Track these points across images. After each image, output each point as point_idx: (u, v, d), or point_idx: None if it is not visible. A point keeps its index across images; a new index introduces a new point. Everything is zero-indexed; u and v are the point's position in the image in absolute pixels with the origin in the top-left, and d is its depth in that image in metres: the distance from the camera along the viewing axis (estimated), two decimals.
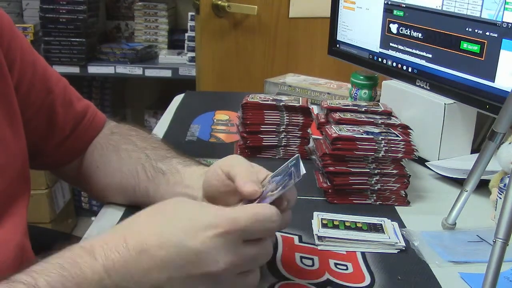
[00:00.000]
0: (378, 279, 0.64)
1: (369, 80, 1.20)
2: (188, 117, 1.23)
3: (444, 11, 0.93)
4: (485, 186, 0.83)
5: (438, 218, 0.78)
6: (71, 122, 0.81)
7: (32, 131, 0.76)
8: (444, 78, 0.95)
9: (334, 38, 1.25)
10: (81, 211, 2.67)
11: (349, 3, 1.19)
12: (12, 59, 0.72)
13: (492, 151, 0.68)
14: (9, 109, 0.71)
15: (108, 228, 0.56)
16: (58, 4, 2.27)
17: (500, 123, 0.65)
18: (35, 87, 0.76)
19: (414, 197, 0.86)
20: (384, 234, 0.73)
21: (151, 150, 0.78)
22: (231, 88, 1.89)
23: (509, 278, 0.65)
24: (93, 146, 0.83)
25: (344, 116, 0.90)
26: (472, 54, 0.89)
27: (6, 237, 0.67)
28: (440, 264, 0.68)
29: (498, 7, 0.83)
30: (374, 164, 0.83)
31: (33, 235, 0.74)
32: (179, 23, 2.61)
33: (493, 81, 0.86)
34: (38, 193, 2.26)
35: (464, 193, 0.73)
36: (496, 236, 0.55)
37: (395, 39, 1.06)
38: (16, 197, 0.71)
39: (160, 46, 2.50)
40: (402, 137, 0.83)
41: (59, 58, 2.30)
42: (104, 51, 2.38)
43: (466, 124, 0.98)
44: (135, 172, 0.77)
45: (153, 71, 2.35)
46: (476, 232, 0.76)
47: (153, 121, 2.57)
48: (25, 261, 0.70)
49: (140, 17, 2.50)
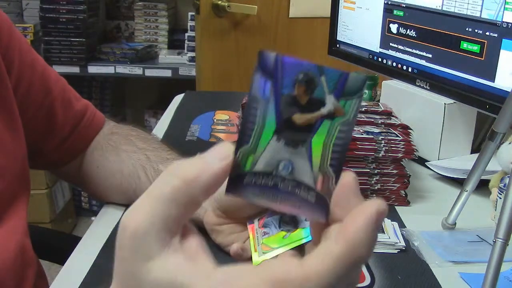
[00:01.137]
0: (378, 279, 0.64)
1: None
2: (188, 117, 1.23)
3: (444, 11, 0.93)
4: (485, 186, 0.83)
5: (438, 218, 0.78)
6: (70, 122, 0.81)
7: (32, 131, 0.76)
8: (444, 78, 0.95)
9: (334, 38, 1.25)
10: (81, 211, 2.67)
11: (349, 3, 1.19)
12: (11, 60, 0.72)
13: (492, 151, 0.68)
14: (7, 110, 0.70)
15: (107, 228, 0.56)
16: (58, 4, 2.27)
17: (500, 123, 0.65)
18: (34, 87, 0.76)
19: (414, 197, 0.86)
20: (384, 234, 0.73)
21: (152, 152, 0.78)
22: (231, 88, 1.89)
23: (509, 278, 0.65)
24: (93, 146, 0.83)
25: None
26: (472, 54, 0.89)
27: (6, 237, 0.67)
28: (440, 264, 0.68)
29: (498, 7, 0.83)
30: (374, 164, 0.82)
31: (33, 235, 0.74)
32: (179, 23, 2.61)
33: (493, 81, 0.86)
34: (38, 193, 2.26)
35: (464, 193, 0.73)
36: (496, 236, 0.55)
37: (395, 39, 1.06)
38: (16, 198, 0.71)
39: (160, 46, 2.50)
40: (402, 137, 0.83)
41: (59, 58, 2.30)
42: (104, 51, 2.39)
43: (466, 124, 0.98)
44: (135, 174, 0.77)
45: (153, 71, 2.35)
46: (476, 232, 0.76)
47: (153, 121, 2.57)
48: (25, 261, 0.70)
49: (140, 17, 2.50)
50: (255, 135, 0.33)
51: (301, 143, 0.33)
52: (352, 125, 0.33)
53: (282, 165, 0.34)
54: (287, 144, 0.33)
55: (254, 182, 0.34)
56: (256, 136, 0.33)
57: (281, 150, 0.33)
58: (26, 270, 0.70)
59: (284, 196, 0.34)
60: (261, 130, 0.33)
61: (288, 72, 0.33)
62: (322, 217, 0.34)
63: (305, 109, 0.33)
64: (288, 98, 0.33)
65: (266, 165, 0.33)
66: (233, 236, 0.66)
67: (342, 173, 0.33)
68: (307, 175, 0.34)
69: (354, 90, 0.32)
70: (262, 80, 0.33)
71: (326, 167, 0.33)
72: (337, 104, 0.32)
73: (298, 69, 0.32)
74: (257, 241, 0.62)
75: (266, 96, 0.33)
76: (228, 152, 0.33)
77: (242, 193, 0.34)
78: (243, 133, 0.33)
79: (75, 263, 0.69)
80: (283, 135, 0.33)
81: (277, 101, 0.33)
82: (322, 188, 0.33)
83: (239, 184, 0.33)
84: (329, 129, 0.33)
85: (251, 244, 0.62)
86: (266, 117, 0.33)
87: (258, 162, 0.33)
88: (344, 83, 0.32)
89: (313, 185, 0.34)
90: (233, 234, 0.66)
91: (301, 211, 0.34)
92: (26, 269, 0.71)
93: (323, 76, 0.32)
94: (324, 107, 0.33)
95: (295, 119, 0.33)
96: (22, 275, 0.69)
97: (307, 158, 0.33)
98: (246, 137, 0.33)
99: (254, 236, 0.63)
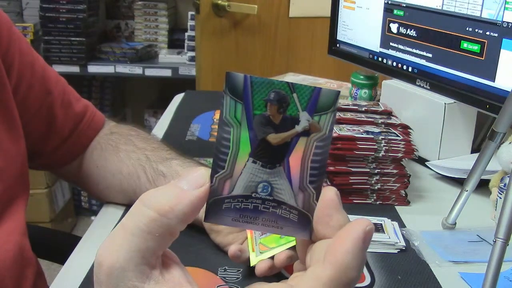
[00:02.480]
0: (378, 279, 0.64)
1: (369, 80, 1.20)
2: (188, 116, 1.23)
3: (444, 10, 0.93)
4: (485, 186, 0.83)
5: (438, 218, 0.78)
6: (70, 123, 0.81)
7: (32, 132, 0.76)
8: (444, 77, 0.95)
9: (334, 37, 1.25)
10: (81, 211, 2.67)
11: (349, 3, 1.18)
12: (11, 61, 0.72)
13: (492, 151, 0.68)
14: (7, 112, 0.70)
15: (107, 228, 0.56)
16: (58, 4, 2.27)
17: (500, 123, 0.65)
18: (34, 88, 0.76)
19: (414, 197, 0.86)
20: (384, 234, 0.73)
21: (151, 151, 0.78)
22: None
23: (509, 278, 0.65)
24: (93, 146, 0.83)
25: (344, 115, 0.90)
26: (472, 53, 0.89)
27: (5, 238, 0.67)
28: (440, 264, 0.68)
29: (498, 6, 0.83)
30: (374, 164, 0.82)
31: (32, 235, 0.74)
32: (179, 22, 2.61)
33: (493, 81, 0.86)
34: (38, 192, 2.27)
35: (464, 193, 0.73)
36: (496, 236, 0.55)
37: (395, 38, 1.06)
38: (15, 199, 0.71)
39: (160, 45, 2.50)
40: (402, 136, 0.83)
41: (59, 58, 2.30)
42: (104, 51, 2.38)
43: (466, 124, 0.98)
44: (135, 174, 0.76)
45: (153, 70, 2.35)
46: (476, 232, 0.76)
47: (153, 121, 2.57)
48: (24, 261, 0.70)
49: (140, 16, 2.50)
50: (230, 160, 0.33)
51: (278, 163, 0.33)
52: (328, 140, 0.33)
53: (261, 187, 0.33)
54: (264, 165, 0.33)
55: (234, 207, 0.33)
56: (231, 160, 0.33)
57: (258, 172, 0.33)
58: (25, 270, 0.70)
59: (265, 217, 0.34)
60: (236, 154, 0.33)
61: (258, 92, 0.32)
62: (305, 235, 0.34)
63: (279, 129, 0.33)
64: (261, 119, 0.32)
65: (244, 189, 0.33)
66: (232, 236, 0.66)
67: (323, 189, 0.33)
68: (287, 194, 0.33)
69: (327, 105, 0.32)
70: (232, 103, 0.32)
71: (305, 185, 0.33)
72: (311, 120, 0.32)
73: (268, 88, 0.32)
74: (255, 241, 0.62)
75: (237, 118, 0.32)
76: (204, 179, 0.32)
77: (222, 219, 0.33)
78: (218, 158, 0.33)
79: (75, 263, 0.69)
80: (259, 157, 0.33)
81: (250, 122, 0.32)
82: (304, 206, 0.33)
83: (218, 210, 0.33)
84: (306, 146, 0.33)
85: (249, 244, 0.62)
86: (240, 140, 0.32)
87: (236, 187, 0.33)
88: (316, 99, 0.32)
89: (294, 203, 0.33)
90: (231, 234, 0.66)
91: (284, 231, 0.34)
92: (25, 269, 0.71)
93: (294, 94, 0.32)
94: (298, 125, 0.32)
95: (270, 139, 0.33)
96: (21, 275, 0.69)
97: (286, 178, 0.33)
98: (221, 163, 0.33)
99: (252, 236, 0.63)
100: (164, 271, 0.32)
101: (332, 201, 0.33)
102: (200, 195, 0.32)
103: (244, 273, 0.64)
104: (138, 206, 0.32)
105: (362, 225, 0.31)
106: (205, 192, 0.32)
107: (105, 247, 0.32)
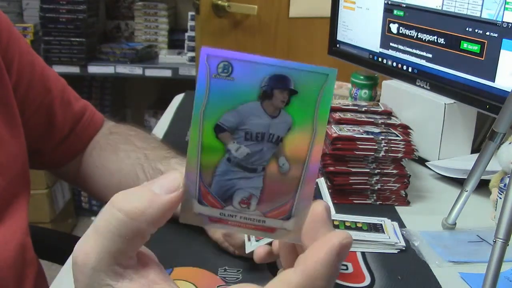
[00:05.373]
0: (378, 279, 0.64)
1: (369, 80, 1.20)
2: (188, 116, 1.23)
3: (444, 11, 0.93)
4: (485, 186, 0.83)
5: (438, 218, 0.78)
6: (69, 122, 0.81)
7: (31, 131, 0.76)
8: (444, 78, 0.95)
9: (334, 38, 1.25)
10: (81, 211, 2.67)
11: (349, 3, 1.18)
12: (10, 60, 0.72)
13: (492, 151, 0.68)
14: (7, 110, 0.71)
15: None
16: (58, 4, 2.27)
17: (500, 123, 0.65)
18: (34, 87, 0.76)
19: (414, 197, 0.86)
20: (384, 234, 0.73)
21: (150, 151, 0.78)
22: None
23: (509, 278, 0.65)
24: (92, 146, 0.83)
25: (344, 116, 0.90)
26: (472, 54, 0.89)
27: (7, 236, 0.67)
28: (440, 264, 0.68)
29: (498, 7, 0.83)
30: (374, 164, 0.82)
31: (33, 235, 0.74)
32: (179, 23, 2.61)
33: (493, 81, 0.86)
34: (38, 193, 2.26)
35: (464, 193, 0.73)
36: (496, 236, 0.55)
37: (395, 39, 1.06)
38: (16, 197, 0.71)
39: (160, 46, 2.50)
40: (402, 137, 0.83)
41: (59, 58, 2.30)
42: (104, 51, 2.39)
43: (466, 124, 0.98)
44: (134, 173, 0.76)
45: (153, 71, 2.35)
46: (476, 232, 0.76)
47: (153, 121, 2.57)
48: (26, 260, 0.70)
49: (140, 17, 2.50)
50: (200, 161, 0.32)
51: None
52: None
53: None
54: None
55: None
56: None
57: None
58: (26, 270, 0.70)
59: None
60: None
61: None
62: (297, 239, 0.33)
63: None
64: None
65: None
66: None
67: (313, 203, 0.33)
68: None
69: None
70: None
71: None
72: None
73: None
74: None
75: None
76: (177, 184, 0.32)
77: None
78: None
79: None
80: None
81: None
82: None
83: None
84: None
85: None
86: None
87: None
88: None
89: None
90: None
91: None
92: (27, 268, 0.71)
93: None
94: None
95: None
96: (22, 274, 0.69)
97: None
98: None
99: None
100: (140, 269, 0.32)
101: (321, 215, 0.33)
102: (172, 200, 0.32)
103: (244, 273, 0.64)
104: (109, 208, 0.32)
105: (339, 238, 0.31)
106: (177, 197, 0.32)
107: (79, 247, 0.32)
